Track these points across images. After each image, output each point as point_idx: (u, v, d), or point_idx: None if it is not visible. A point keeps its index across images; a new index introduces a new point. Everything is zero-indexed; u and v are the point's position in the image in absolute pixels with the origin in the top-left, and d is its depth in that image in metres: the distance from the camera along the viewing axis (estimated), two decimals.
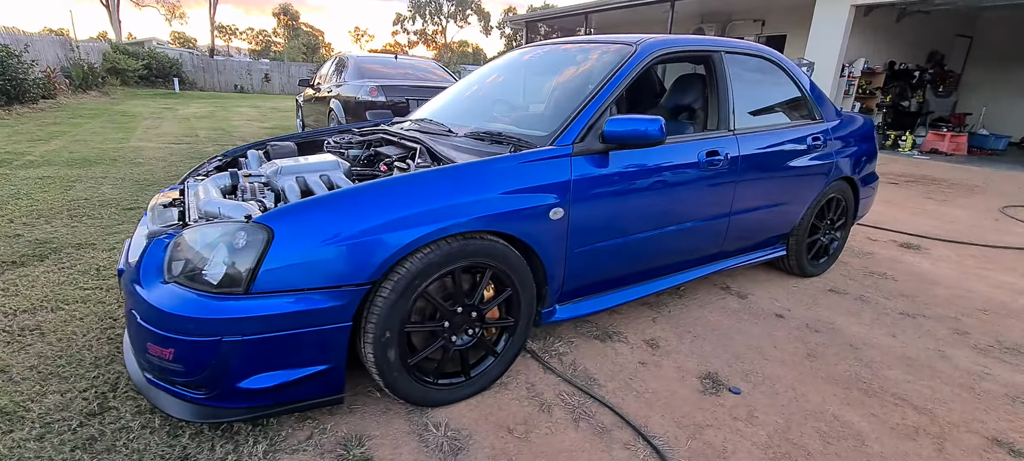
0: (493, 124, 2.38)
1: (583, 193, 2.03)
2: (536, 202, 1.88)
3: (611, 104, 2.19)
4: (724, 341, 2.46)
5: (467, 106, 2.77)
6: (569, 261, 2.07)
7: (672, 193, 2.34)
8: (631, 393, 2.02)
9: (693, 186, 2.40)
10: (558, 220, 1.96)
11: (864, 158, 3.35)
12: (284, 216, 1.53)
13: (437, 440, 1.70)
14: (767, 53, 2.92)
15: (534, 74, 2.80)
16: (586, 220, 2.06)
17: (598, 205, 2.10)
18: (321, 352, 1.58)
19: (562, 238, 2.00)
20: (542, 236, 1.92)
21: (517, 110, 2.49)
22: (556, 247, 1.99)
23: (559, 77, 2.58)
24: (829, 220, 3.30)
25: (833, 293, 3.10)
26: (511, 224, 1.82)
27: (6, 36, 12.45)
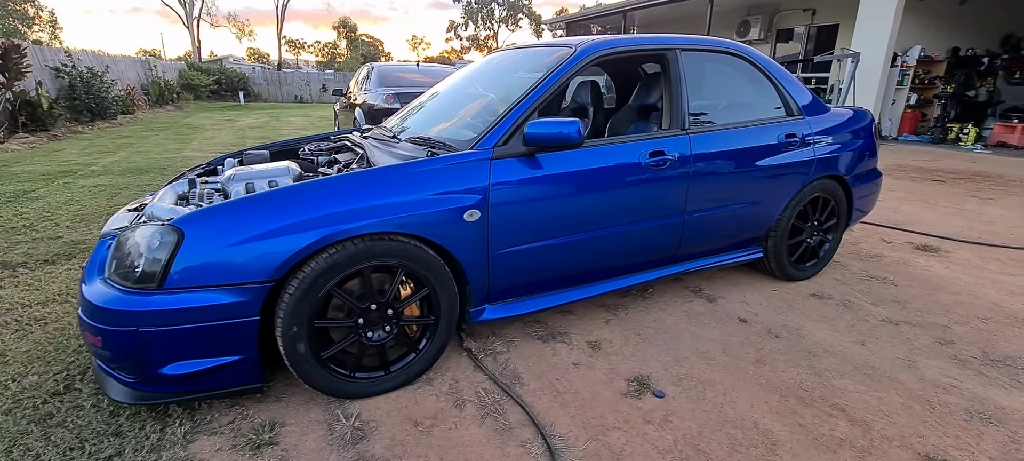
0: (431, 130, 2.46)
1: (506, 195, 2.07)
2: (447, 204, 1.95)
3: (539, 107, 2.22)
4: (672, 344, 2.42)
5: (429, 112, 2.88)
6: (493, 262, 2.12)
7: (610, 195, 2.33)
8: (551, 393, 2.04)
9: (636, 187, 2.38)
10: (474, 222, 2.01)
11: (857, 154, 3.15)
12: (195, 219, 1.69)
13: (343, 430, 1.81)
14: (734, 48, 2.83)
15: (489, 79, 2.86)
16: (510, 222, 2.10)
17: (525, 207, 2.13)
18: (233, 344, 1.73)
19: (481, 239, 2.05)
20: (456, 238, 1.99)
21: (460, 115, 2.56)
22: (474, 248, 2.05)
23: (505, 81, 2.63)
24: (815, 221, 3.13)
25: (814, 298, 2.95)
26: (421, 226, 1.90)
27: (92, 58, 13.89)
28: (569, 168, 2.22)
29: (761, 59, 2.90)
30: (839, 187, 3.12)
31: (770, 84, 2.91)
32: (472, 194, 2.00)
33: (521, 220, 2.13)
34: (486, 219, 2.04)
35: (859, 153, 3.17)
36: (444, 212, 1.95)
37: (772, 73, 2.91)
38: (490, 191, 2.04)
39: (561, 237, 2.26)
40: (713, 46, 2.78)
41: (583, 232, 2.31)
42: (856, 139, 3.16)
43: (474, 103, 2.63)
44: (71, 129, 10.96)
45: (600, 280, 2.52)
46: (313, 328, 1.82)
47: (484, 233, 2.05)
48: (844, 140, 3.09)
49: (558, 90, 2.30)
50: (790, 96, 2.94)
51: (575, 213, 2.26)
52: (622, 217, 2.39)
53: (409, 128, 2.64)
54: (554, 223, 2.22)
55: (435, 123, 2.60)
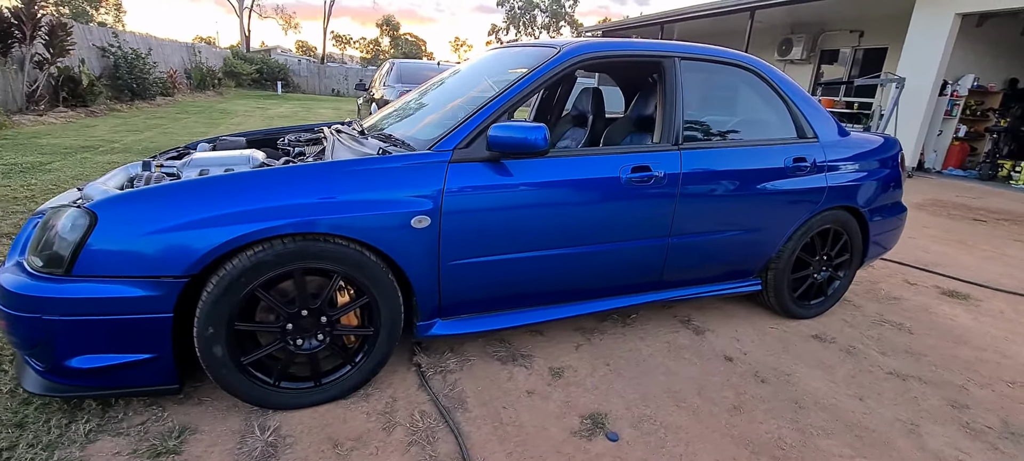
0: (397, 127, 2.31)
1: (462, 203, 1.90)
2: (392, 208, 1.79)
3: (509, 110, 2.04)
4: (642, 379, 2.19)
5: (409, 110, 2.73)
6: (445, 274, 1.95)
7: (583, 210, 2.13)
8: (493, 424, 1.85)
9: (613, 204, 2.17)
10: (424, 229, 1.85)
11: (878, 185, 2.85)
12: (111, 203, 1.58)
13: (254, 444, 1.67)
14: (744, 61, 2.58)
15: (477, 77, 2.70)
16: (466, 232, 1.93)
17: (486, 217, 1.96)
18: (144, 341, 1.61)
19: (431, 248, 1.89)
20: (401, 245, 1.82)
21: (434, 115, 2.40)
22: (423, 258, 1.88)
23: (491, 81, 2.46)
24: (823, 255, 2.84)
25: (816, 340, 2.66)
26: (360, 229, 1.74)
27: (138, 40, 14.41)
28: (538, 178, 2.04)
29: (774, 75, 2.64)
30: (854, 220, 2.83)
31: (782, 103, 2.65)
32: (423, 199, 1.84)
33: (480, 231, 1.96)
34: (437, 226, 1.87)
35: (881, 184, 2.87)
36: (388, 216, 1.79)
37: (785, 91, 2.65)
38: (443, 197, 1.87)
39: (525, 252, 2.07)
40: (719, 57, 2.55)
41: (551, 248, 2.11)
42: (879, 169, 2.86)
43: (453, 102, 2.47)
44: (110, 107, 11.35)
45: (570, 302, 2.32)
46: (233, 330, 1.68)
47: (434, 241, 1.89)
48: (864, 169, 2.79)
49: (532, 93, 2.12)
50: (804, 117, 2.67)
51: (543, 228, 2.07)
52: (597, 236, 2.18)
53: (383, 125, 2.50)
54: (518, 237, 2.04)
55: (411, 121, 2.46)
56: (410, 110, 2.64)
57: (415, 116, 2.50)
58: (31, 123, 8.33)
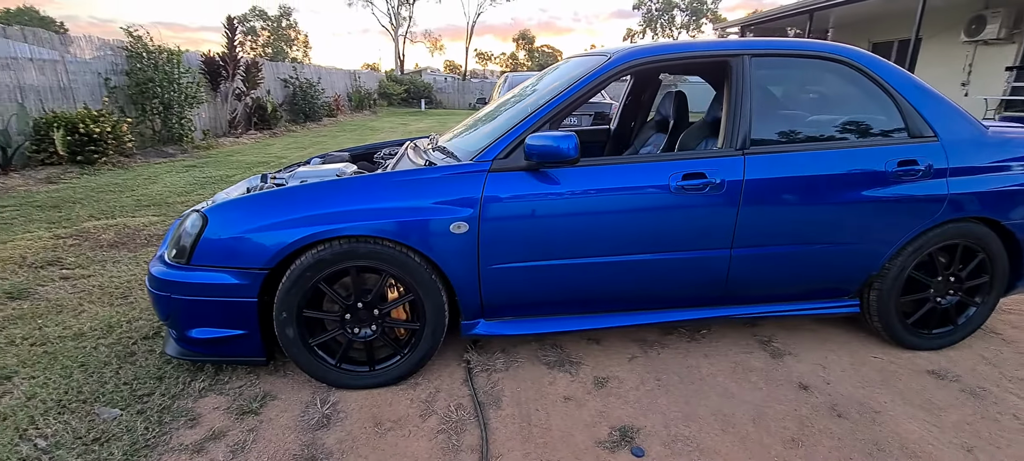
0: (457, 140, 2.49)
1: (501, 210, 2.01)
2: (432, 215, 1.97)
3: (552, 119, 2.10)
4: (692, 398, 2.08)
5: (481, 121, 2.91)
6: (485, 277, 2.07)
7: (628, 218, 2.09)
8: (521, 424, 1.92)
9: (660, 212, 2.10)
10: (462, 234, 1.99)
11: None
12: (218, 208, 1.99)
13: (314, 414, 1.95)
14: (834, 52, 2.30)
15: (544, 87, 2.78)
16: (505, 238, 2.03)
17: (525, 224, 2.04)
18: (238, 319, 1.99)
19: (470, 252, 2.02)
20: (441, 248, 1.99)
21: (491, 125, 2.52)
22: (461, 260, 2.02)
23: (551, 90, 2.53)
24: (950, 276, 2.38)
25: (931, 376, 2.25)
26: (401, 233, 1.95)
27: (311, 71, 16.97)
28: (581, 187, 2.06)
29: (877, 65, 2.30)
30: (995, 236, 2.33)
31: (887, 98, 2.29)
32: (462, 206, 1.99)
33: (519, 237, 2.05)
34: (476, 232, 2.00)
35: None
36: (428, 221, 1.97)
37: (892, 83, 2.29)
38: (482, 204, 2.00)
39: (568, 259, 2.10)
40: (803, 50, 2.30)
41: (596, 256, 2.11)
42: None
43: (512, 114, 2.59)
44: (287, 128, 13.55)
45: (621, 311, 2.28)
46: (301, 316, 2.00)
47: (473, 246, 2.02)
48: (1011, 174, 2.29)
49: (578, 102, 2.15)
50: (918, 113, 2.28)
51: (586, 236, 2.09)
52: (644, 245, 2.13)
53: (451, 138, 2.71)
54: (559, 244, 2.08)
55: (473, 133, 2.63)
56: (479, 123, 2.81)
57: (478, 129, 2.66)
58: (230, 143, 10.33)
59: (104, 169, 6.91)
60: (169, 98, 8.74)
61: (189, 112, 9.31)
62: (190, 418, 1.92)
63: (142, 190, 5.79)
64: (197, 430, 1.86)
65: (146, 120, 8.74)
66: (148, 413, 1.93)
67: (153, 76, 8.52)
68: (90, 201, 5.22)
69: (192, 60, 10.41)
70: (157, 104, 8.67)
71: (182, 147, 8.95)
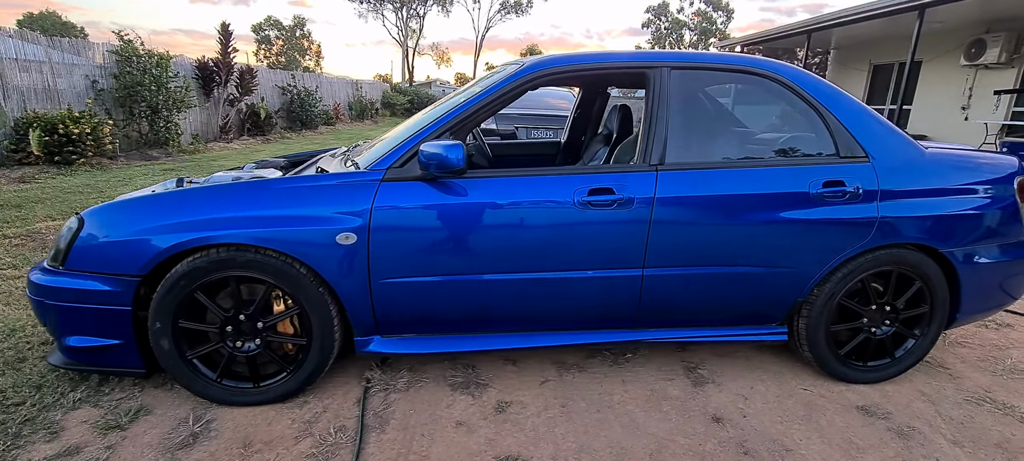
0: (368, 148, 2.39)
1: (393, 221, 1.91)
2: (317, 225, 1.87)
3: (452, 129, 2.00)
4: (594, 429, 1.94)
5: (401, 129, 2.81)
6: (377, 292, 1.96)
7: (526, 234, 1.98)
8: (400, 450, 1.80)
9: (563, 228, 1.99)
10: (350, 245, 1.89)
11: (975, 220, 2.17)
12: (95, 211, 1.90)
13: (183, 431, 1.84)
14: (761, 66, 2.18)
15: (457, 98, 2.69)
16: (398, 251, 1.93)
17: (421, 237, 1.94)
18: (112, 328, 1.90)
19: (360, 265, 1.92)
20: (327, 259, 1.89)
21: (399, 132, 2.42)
22: (350, 274, 1.92)
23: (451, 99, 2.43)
24: (885, 306, 2.24)
25: (860, 412, 2.10)
26: (285, 243, 1.85)
27: (311, 79, 17.08)
28: (480, 199, 1.96)
29: (806, 82, 2.19)
30: (933, 263, 2.19)
31: (816, 116, 2.17)
32: (350, 216, 1.89)
33: (414, 250, 1.94)
34: (365, 244, 1.90)
35: (980, 219, 2.18)
36: (313, 231, 1.87)
37: (822, 101, 2.17)
38: (372, 215, 1.90)
39: (467, 275, 1.99)
40: (727, 64, 2.20)
41: (495, 273, 2.00)
42: (979, 199, 2.18)
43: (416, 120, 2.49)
44: (282, 135, 13.59)
45: (529, 331, 2.16)
46: (178, 327, 1.90)
47: (363, 259, 1.92)
48: (952, 198, 2.15)
49: (484, 110, 2.05)
50: (849, 132, 2.15)
51: (485, 251, 1.97)
52: (547, 262, 2.01)
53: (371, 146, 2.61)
54: (458, 259, 1.97)
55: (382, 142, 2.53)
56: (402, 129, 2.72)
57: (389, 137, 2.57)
58: (219, 148, 10.35)
59: (82, 170, 6.91)
60: (157, 102, 8.77)
61: (177, 116, 9.34)
62: (51, 432, 1.81)
63: (112, 192, 5.75)
64: (53, 445, 1.75)
65: (133, 123, 8.78)
66: (7, 425, 1.83)
67: (141, 80, 8.56)
68: (54, 202, 5.19)
69: (185, 65, 10.49)
70: (144, 107, 8.71)
71: (167, 151, 8.97)
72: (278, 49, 53.84)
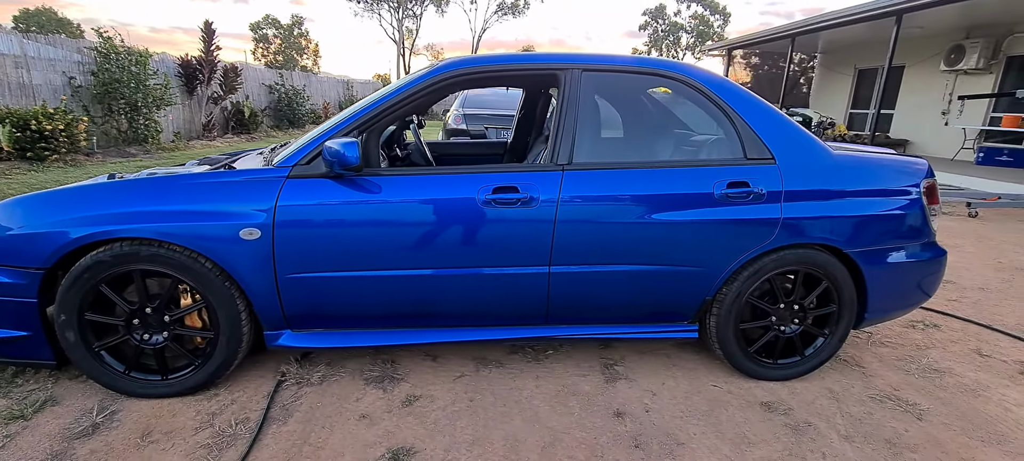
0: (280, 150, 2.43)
1: (298, 217, 1.95)
2: (221, 220, 1.90)
3: (360, 128, 2.04)
4: (494, 422, 1.98)
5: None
6: (284, 286, 2.00)
7: (432, 231, 2.02)
8: (296, 442, 1.83)
9: (468, 226, 2.03)
10: (254, 241, 1.93)
11: (881, 222, 2.22)
12: (4, 204, 1.94)
13: (85, 422, 1.88)
14: (669, 69, 2.23)
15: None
16: (303, 246, 1.96)
17: (324, 233, 1.97)
18: (19, 320, 1.93)
19: (265, 260, 1.95)
20: (230, 254, 1.92)
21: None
22: (256, 269, 1.95)
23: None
24: (794, 304, 2.28)
25: (762, 408, 2.14)
26: (188, 237, 1.88)
27: (300, 78, 17.09)
28: (386, 197, 2.00)
29: (714, 84, 2.23)
30: (838, 264, 2.23)
31: (724, 117, 2.22)
32: (255, 212, 1.92)
33: (320, 246, 1.98)
34: (270, 240, 1.94)
35: (885, 220, 2.23)
36: (216, 226, 1.90)
37: (729, 102, 2.21)
38: (276, 212, 1.93)
39: (373, 271, 2.03)
40: (637, 66, 2.24)
41: (402, 270, 2.04)
42: (884, 201, 2.23)
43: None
44: (268, 133, 13.62)
45: (441, 328, 2.20)
46: (83, 320, 1.93)
47: (268, 254, 1.95)
48: (857, 201, 2.20)
49: (394, 110, 2.09)
50: (756, 133, 2.20)
51: (391, 248, 2.01)
52: (452, 259, 2.05)
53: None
54: (364, 255, 2.01)
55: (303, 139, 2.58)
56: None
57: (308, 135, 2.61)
58: (200, 146, 10.37)
59: (54, 167, 6.93)
60: (136, 99, 8.80)
61: (157, 114, 9.36)
62: None
63: None
64: None
65: (112, 120, 8.80)
66: None
67: (120, 77, 8.58)
68: None
69: (168, 63, 10.51)
70: (123, 105, 8.73)
71: (146, 148, 8.99)
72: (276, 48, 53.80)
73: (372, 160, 2.17)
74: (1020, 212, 6.45)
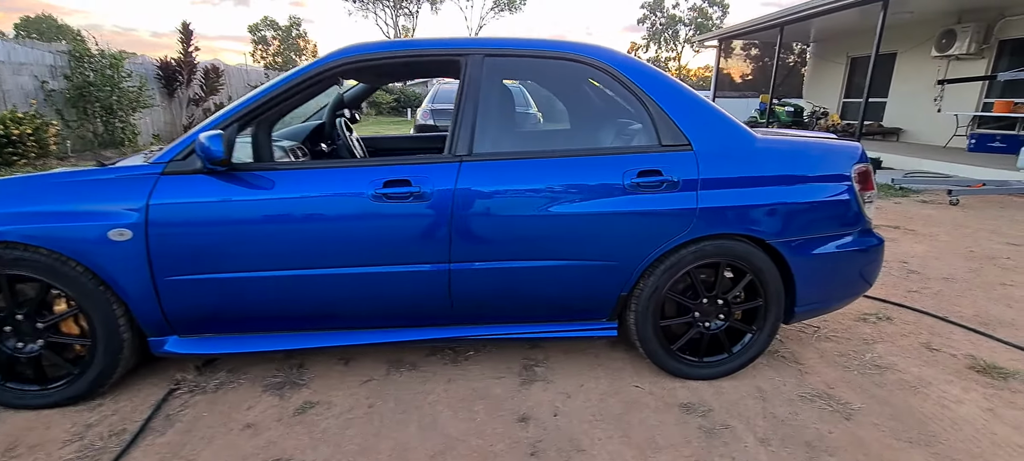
0: None
1: (174, 216, 1.84)
2: (88, 220, 1.79)
3: (241, 120, 1.93)
4: (384, 431, 1.87)
5: None
6: (163, 289, 1.89)
7: (322, 228, 1.90)
8: (168, 455, 1.72)
9: (359, 222, 1.91)
10: (126, 242, 1.82)
11: (807, 210, 2.09)
12: None
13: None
14: (578, 52, 2.09)
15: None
16: (181, 246, 1.85)
17: (205, 232, 1.86)
18: None
19: (139, 262, 1.84)
20: (101, 257, 1.81)
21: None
22: (130, 271, 1.84)
23: None
24: (715, 299, 2.16)
25: (680, 410, 2.02)
26: (54, 239, 1.78)
27: None
28: (271, 194, 1.89)
29: (627, 66, 2.10)
30: (762, 255, 2.10)
31: (638, 102, 2.09)
32: (125, 212, 1.82)
33: (200, 246, 1.86)
34: (143, 240, 1.83)
35: (813, 209, 2.10)
36: (83, 228, 1.79)
37: (643, 86, 2.08)
38: (149, 211, 1.82)
39: (259, 272, 1.92)
40: (544, 50, 2.11)
41: (291, 270, 1.93)
42: (811, 188, 2.10)
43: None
44: None
45: (342, 329, 2.09)
46: None
47: (143, 256, 1.84)
48: (778, 187, 2.07)
49: (281, 100, 1.97)
50: (671, 119, 2.07)
51: (276, 246, 1.90)
52: (344, 258, 1.93)
53: None
54: (247, 255, 1.89)
55: None
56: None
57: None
58: None
59: (24, 170, 6.85)
60: (110, 102, 8.72)
61: (134, 116, 9.29)
62: None
63: None
64: None
65: (87, 123, 8.73)
66: None
67: (94, 80, 8.51)
68: None
69: (147, 65, 10.44)
70: (98, 108, 8.66)
71: (122, 151, 8.91)
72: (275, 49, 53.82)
73: (263, 154, 2.07)
74: (1004, 199, 6.28)
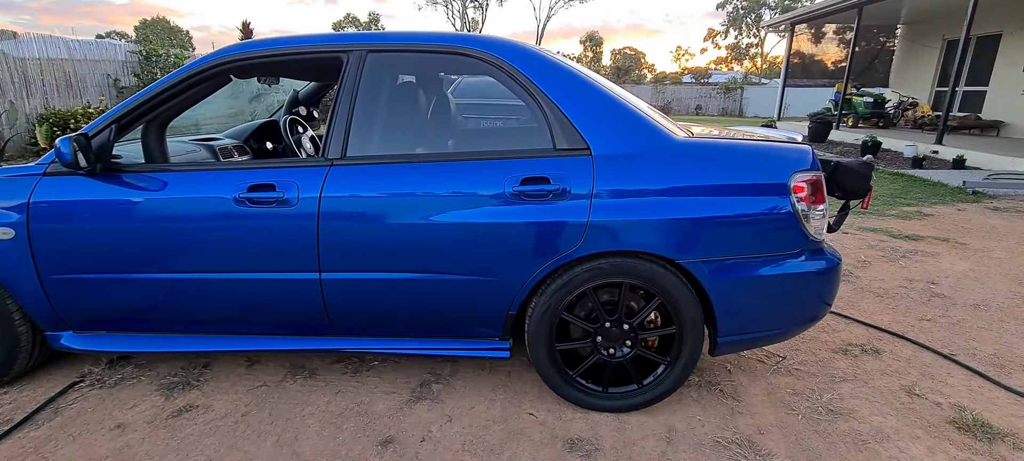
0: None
1: (54, 216, 1.88)
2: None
3: (120, 122, 1.93)
4: (244, 444, 1.81)
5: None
6: (50, 287, 1.94)
7: (190, 232, 1.87)
8: (26, 450, 1.77)
9: (224, 227, 1.85)
10: (9, 240, 1.88)
11: (733, 225, 1.77)
12: None
13: None
14: (474, 44, 1.90)
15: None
16: (62, 246, 1.90)
17: (83, 232, 1.89)
18: None
19: (24, 261, 1.90)
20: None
21: None
22: (16, 269, 1.91)
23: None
24: (616, 323, 1.90)
25: (564, 446, 1.80)
26: None
27: None
28: (135, 196, 1.88)
29: (523, 59, 1.88)
30: (672, 277, 1.82)
31: (531, 99, 1.87)
32: (6, 211, 1.88)
33: (75, 246, 1.90)
34: (25, 239, 1.88)
35: (731, 224, 1.78)
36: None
37: (538, 82, 1.86)
38: (29, 209, 1.88)
39: (134, 273, 1.92)
40: (433, 44, 1.93)
41: (164, 273, 1.91)
42: (728, 199, 1.78)
43: None
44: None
45: (225, 334, 2.06)
46: None
47: (27, 254, 1.90)
48: (694, 198, 1.78)
49: (159, 100, 1.95)
50: (568, 119, 1.83)
51: (151, 248, 1.89)
52: (216, 263, 1.89)
53: None
54: (120, 256, 1.90)
55: None
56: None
57: None
58: None
59: None
60: None
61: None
62: None
63: None
64: None
65: None
66: None
67: (159, 77, 9.26)
68: None
69: None
70: None
71: None
72: None
73: (154, 155, 2.07)
74: None
